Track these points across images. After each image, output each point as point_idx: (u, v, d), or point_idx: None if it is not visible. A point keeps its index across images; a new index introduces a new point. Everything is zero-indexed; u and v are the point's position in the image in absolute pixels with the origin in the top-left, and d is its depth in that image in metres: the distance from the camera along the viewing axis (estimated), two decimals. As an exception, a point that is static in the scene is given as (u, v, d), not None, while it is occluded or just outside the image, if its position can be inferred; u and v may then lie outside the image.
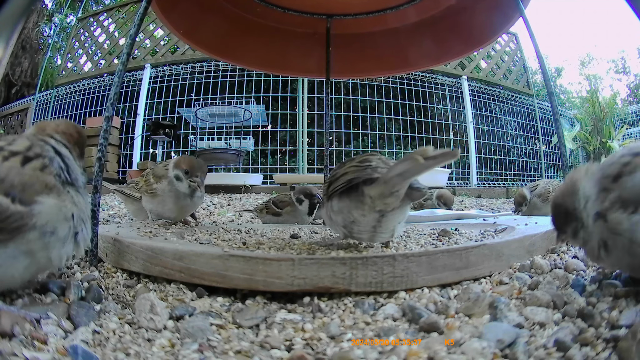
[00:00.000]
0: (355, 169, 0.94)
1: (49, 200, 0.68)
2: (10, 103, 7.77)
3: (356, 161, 0.99)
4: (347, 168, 0.97)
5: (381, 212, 0.93)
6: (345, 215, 0.96)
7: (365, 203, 0.91)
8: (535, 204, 2.16)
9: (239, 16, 1.75)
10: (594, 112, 7.27)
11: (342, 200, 0.96)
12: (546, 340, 0.58)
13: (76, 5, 8.85)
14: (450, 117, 6.88)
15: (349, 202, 0.95)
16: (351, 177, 0.92)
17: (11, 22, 0.58)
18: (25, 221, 0.64)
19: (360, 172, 0.92)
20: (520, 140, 7.36)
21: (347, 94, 6.46)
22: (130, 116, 6.30)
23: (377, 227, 0.96)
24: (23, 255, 0.66)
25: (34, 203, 0.66)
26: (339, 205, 0.97)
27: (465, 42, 1.75)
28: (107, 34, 6.97)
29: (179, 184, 1.43)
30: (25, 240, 0.65)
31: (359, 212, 0.94)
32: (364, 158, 0.97)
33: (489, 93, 6.95)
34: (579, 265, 0.92)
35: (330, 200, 1.00)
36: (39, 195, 0.67)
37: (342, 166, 1.02)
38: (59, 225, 0.69)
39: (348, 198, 0.95)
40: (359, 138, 6.58)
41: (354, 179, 0.92)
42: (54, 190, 0.69)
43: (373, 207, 0.92)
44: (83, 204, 0.76)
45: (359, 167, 0.94)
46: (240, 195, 4.34)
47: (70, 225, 0.71)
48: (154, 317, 0.69)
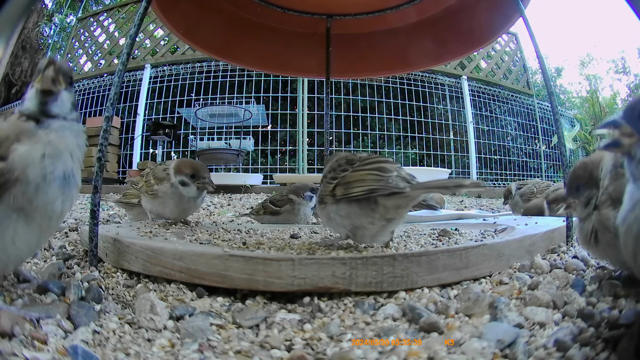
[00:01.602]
0: (374, 177, 0.92)
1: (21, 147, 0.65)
2: (10, 103, 7.78)
3: (372, 167, 0.96)
4: (363, 175, 0.95)
5: (389, 220, 0.94)
6: (353, 220, 0.95)
7: (377, 212, 0.92)
8: (517, 202, 2.19)
9: (239, 16, 1.75)
10: (594, 112, 7.29)
11: (351, 206, 0.95)
12: (546, 340, 0.58)
13: (76, 5, 8.85)
14: (450, 117, 6.88)
15: (358, 209, 0.94)
16: (372, 188, 0.91)
17: (11, 22, 0.58)
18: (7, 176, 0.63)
19: (382, 182, 0.90)
20: (520, 140, 7.36)
21: (347, 94, 6.46)
22: (130, 116, 6.30)
23: (380, 231, 0.97)
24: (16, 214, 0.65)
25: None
26: (348, 210, 0.96)
27: (465, 42, 1.76)
28: (107, 34, 6.97)
29: (185, 189, 1.42)
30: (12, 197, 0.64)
31: (368, 219, 0.93)
32: (381, 166, 0.94)
33: (489, 93, 6.95)
34: (579, 265, 0.92)
35: (336, 204, 0.98)
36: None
37: (351, 168, 0.99)
38: (32, 171, 0.66)
39: (358, 206, 0.93)
40: (359, 138, 6.58)
41: (376, 190, 0.90)
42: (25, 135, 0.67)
43: (383, 216, 0.92)
44: (57, 141, 0.71)
45: (379, 177, 0.92)
46: (240, 195, 4.34)
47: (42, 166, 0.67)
48: (154, 317, 0.69)
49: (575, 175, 0.82)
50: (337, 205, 0.98)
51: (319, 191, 1.08)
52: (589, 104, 7.57)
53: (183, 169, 1.42)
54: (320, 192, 1.07)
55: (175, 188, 1.42)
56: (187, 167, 1.43)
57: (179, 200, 1.43)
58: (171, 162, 1.49)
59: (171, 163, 1.48)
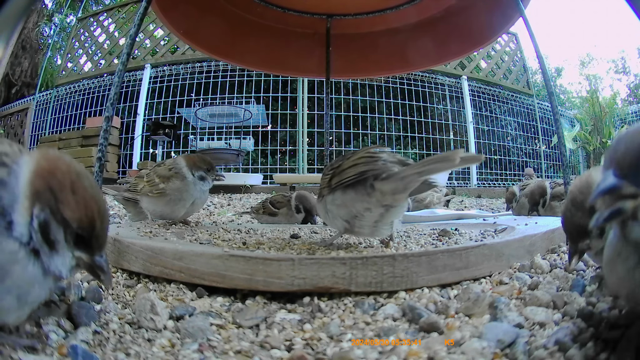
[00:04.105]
0: (366, 160, 0.91)
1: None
2: (10, 103, 7.77)
3: (364, 152, 0.95)
4: (355, 160, 0.93)
5: (387, 207, 0.91)
6: (349, 208, 0.94)
7: (373, 197, 0.89)
8: (523, 204, 2.18)
9: (239, 16, 1.75)
10: (594, 112, 7.28)
11: (346, 193, 0.93)
12: (546, 340, 0.58)
13: (76, 5, 8.85)
14: (450, 117, 6.88)
15: (354, 195, 0.92)
16: (363, 170, 0.88)
17: (11, 22, 0.58)
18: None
19: (372, 164, 0.89)
20: (520, 140, 7.36)
21: (347, 94, 6.46)
22: (130, 116, 6.30)
23: (379, 221, 0.94)
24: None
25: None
26: (343, 198, 0.94)
27: (465, 42, 1.76)
28: (107, 34, 6.97)
29: (203, 183, 1.45)
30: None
31: (365, 205, 0.91)
32: (372, 151, 0.94)
33: (489, 93, 6.95)
34: (579, 265, 0.92)
35: (332, 193, 0.97)
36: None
37: (345, 159, 0.98)
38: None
39: (354, 191, 0.92)
40: (359, 138, 6.58)
41: (366, 172, 0.88)
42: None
43: (380, 202, 0.90)
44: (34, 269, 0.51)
45: (370, 159, 0.90)
46: (240, 195, 4.34)
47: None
48: (154, 317, 0.69)
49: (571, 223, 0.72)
50: (333, 194, 0.97)
51: (319, 187, 1.08)
52: (589, 104, 7.56)
53: (199, 164, 1.44)
54: (319, 188, 1.07)
55: (190, 184, 1.43)
56: (202, 162, 1.45)
57: (191, 195, 1.44)
58: (172, 161, 1.48)
59: (176, 161, 1.46)
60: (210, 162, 1.46)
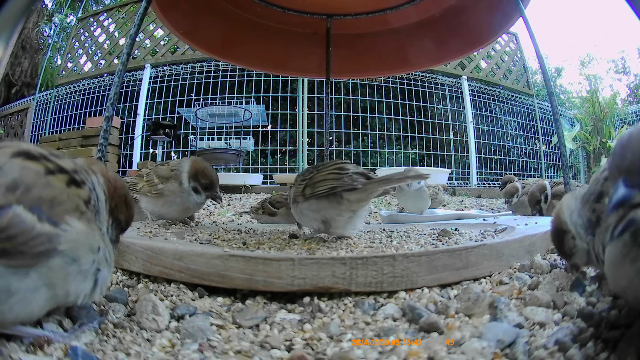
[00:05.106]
0: (335, 176, 1.09)
1: (78, 224, 0.58)
2: (10, 103, 7.76)
3: (333, 168, 1.12)
4: (325, 175, 1.11)
5: (354, 211, 1.11)
6: (323, 214, 1.12)
7: (343, 204, 1.08)
8: (522, 202, 2.18)
9: (239, 16, 1.76)
10: (594, 112, 7.27)
11: (320, 201, 1.11)
12: (546, 340, 0.58)
13: (76, 5, 8.84)
14: (450, 117, 6.87)
15: (327, 203, 1.10)
16: (333, 185, 1.07)
17: (11, 22, 0.58)
18: (53, 245, 0.54)
19: (341, 180, 1.07)
20: (520, 140, 7.36)
21: (347, 94, 6.45)
22: (130, 116, 6.29)
23: (348, 223, 1.13)
24: (45, 286, 0.56)
25: (62, 223, 0.56)
26: (317, 205, 1.12)
27: (465, 42, 1.76)
28: (107, 34, 6.96)
29: (195, 196, 1.41)
30: (48, 268, 0.55)
31: (336, 212, 1.10)
32: (340, 166, 1.11)
33: (489, 93, 6.94)
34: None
35: (307, 201, 1.14)
36: (68, 216, 0.57)
37: (316, 171, 1.15)
38: (84, 255, 0.60)
39: (327, 200, 1.10)
40: (359, 138, 6.57)
41: (336, 187, 1.06)
42: (85, 216, 0.60)
43: (349, 208, 1.09)
44: (110, 247, 0.68)
45: (339, 175, 1.08)
46: (240, 195, 4.34)
47: (94, 259, 0.62)
48: (155, 317, 0.69)
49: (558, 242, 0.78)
50: (308, 202, 1.14)
51: (292, 193, 1.23)
52: (589, 104, 7.55)
53: (200, 177, 1.40)
54: (293, 193, 1.23)
55: (184, 191, 1.41)
56: (204, 176, 1.41)
57: (184, 200, 1.43)
58: (178, 162, 1.46)
59: (181, 164, 1.45)
60: (212, 180, 1.41)
